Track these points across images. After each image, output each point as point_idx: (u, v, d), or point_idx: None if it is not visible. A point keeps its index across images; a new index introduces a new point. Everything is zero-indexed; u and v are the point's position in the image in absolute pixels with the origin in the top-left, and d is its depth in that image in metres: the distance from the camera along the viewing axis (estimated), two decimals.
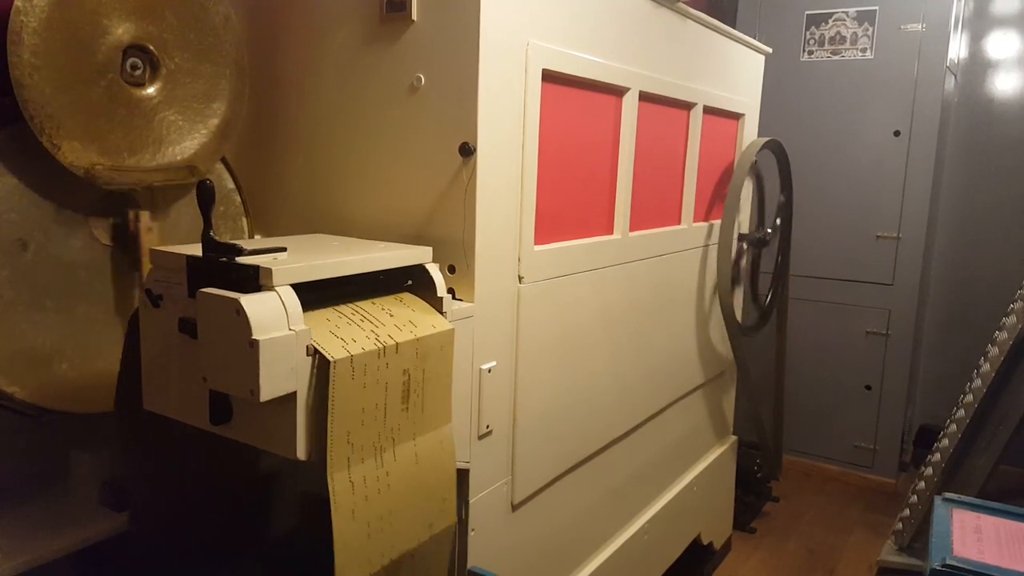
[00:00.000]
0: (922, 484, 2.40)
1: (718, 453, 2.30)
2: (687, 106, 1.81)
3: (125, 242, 1.21)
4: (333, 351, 0.89)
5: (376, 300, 1.03)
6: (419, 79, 1.19)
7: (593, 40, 1.40)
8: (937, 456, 2.38)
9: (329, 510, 0.88)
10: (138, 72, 1.17)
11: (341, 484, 0.90)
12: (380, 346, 0.94)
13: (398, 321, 1.00)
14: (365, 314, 0.98)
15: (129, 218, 1.20)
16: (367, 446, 0.94)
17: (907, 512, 2.43)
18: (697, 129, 1.86)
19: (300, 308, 0.88)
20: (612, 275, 1.57)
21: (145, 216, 1.21)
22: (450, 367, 1.07)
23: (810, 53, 2.98)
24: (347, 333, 0.93)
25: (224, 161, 1.36)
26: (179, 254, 0.94)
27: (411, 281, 1.10)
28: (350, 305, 0.99)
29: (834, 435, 3.09)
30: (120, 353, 1.10)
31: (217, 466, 1.12)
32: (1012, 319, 2.26)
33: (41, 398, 1.13)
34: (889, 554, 2.43)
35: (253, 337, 0.83)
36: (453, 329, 1.07)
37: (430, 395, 1.04)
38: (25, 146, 1.07)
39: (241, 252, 0.91)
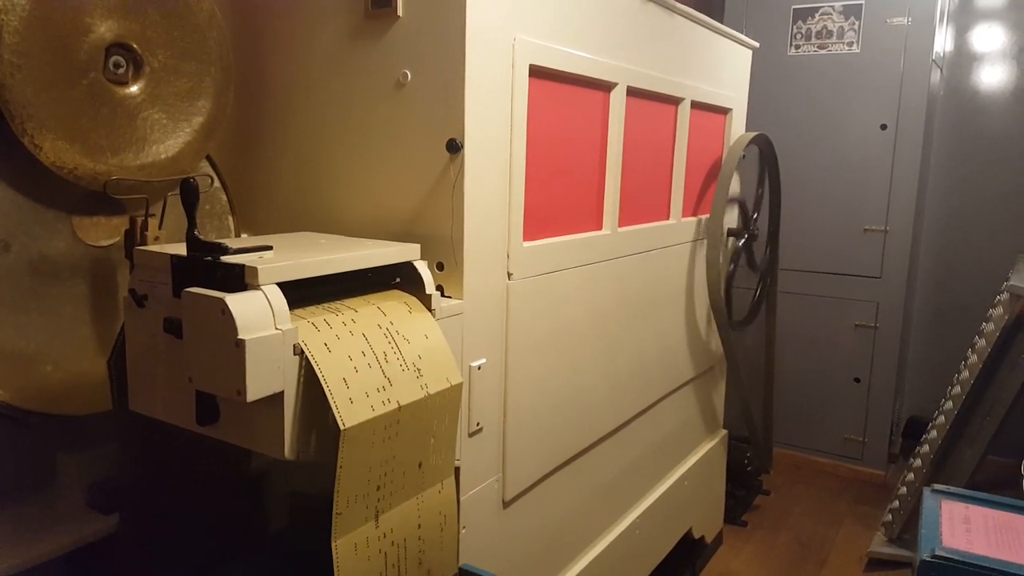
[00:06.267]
0: (911, 476, 2.41)
1: (709, 447, 2.31)
2: (675, 101, 1.81)
3: (130, 247, 1.15)
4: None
5: (366, 299, 1.02)
6: (405, 75, 1.18)
7: (580, 35, 1.40)
8: (926, 448, 2.39)
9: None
10: (121, 70, 1.16)
11: None
12: None
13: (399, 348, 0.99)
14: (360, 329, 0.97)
15: (136, 224, 1.16)
16: None
17: (896, 504, 2.45)
18: (685, 124, 1.86)
19: (287, 307, 0.88)
20: (602, 271, 1.57)
21: (153, 223, 1.17)
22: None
23: (797, 47, 2.98)
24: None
25: (210, 159, 1.35)
26: (163, 253, 0.93)
27: (399, 279, 1.09)
28: (341, 308, 0.98)
29: (824, 428, 3.11)
30: (106, 354, 1.09)
31: (208, 464, 1.11)
32: (999, 310, 2.27)
33: (25, 400, 1.12)
34: (879, 545, 2.44)
35: (239, 337, 0.82)
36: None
37: None
38: (6, 146, 1.06)
39: (226, 251, 0.90)
